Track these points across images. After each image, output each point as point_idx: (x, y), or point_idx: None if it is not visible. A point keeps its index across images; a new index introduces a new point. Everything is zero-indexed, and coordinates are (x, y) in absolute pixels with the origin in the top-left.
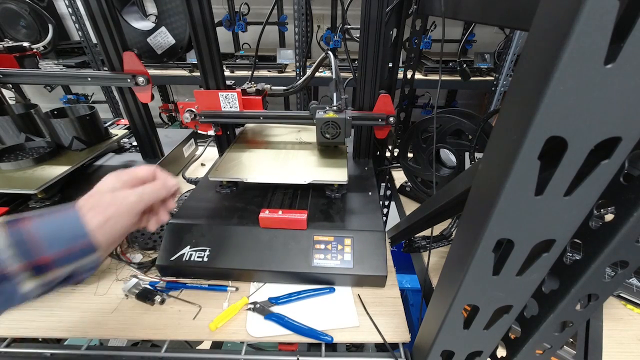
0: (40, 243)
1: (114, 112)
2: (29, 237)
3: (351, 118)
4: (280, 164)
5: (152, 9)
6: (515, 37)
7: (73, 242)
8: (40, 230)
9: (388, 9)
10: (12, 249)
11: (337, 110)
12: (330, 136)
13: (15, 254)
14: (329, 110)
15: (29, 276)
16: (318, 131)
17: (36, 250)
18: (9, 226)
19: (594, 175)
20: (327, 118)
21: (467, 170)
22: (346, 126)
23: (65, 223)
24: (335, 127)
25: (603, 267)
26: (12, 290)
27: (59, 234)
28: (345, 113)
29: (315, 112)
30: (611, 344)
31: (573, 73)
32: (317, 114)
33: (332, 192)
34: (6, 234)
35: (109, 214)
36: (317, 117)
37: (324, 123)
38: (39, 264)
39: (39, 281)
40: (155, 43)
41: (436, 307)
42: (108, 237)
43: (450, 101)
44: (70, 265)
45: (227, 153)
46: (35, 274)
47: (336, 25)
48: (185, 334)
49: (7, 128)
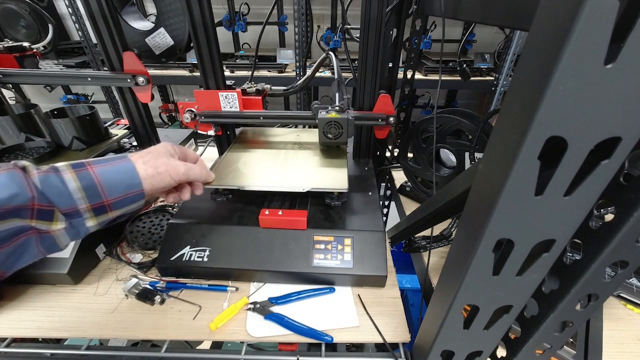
0: (104, 189)
1: (114, 112)
2: (96, 182)
3: (354, 118)
4: (279, 167)
5: (152, 9)
6: (515, 37)
7: (128, 190)
8: (103, 177)
9: (388, 9)
10: (82, 192)
11: (340, 110)
12: (333, 136)
13: (84, 197)
14: (331, 110)
15: (91, 215)
16: (320, 131)
17: (101, 194)
18: (77, 170)
19: (594, 175)
20: (329, 118)
21: (467, 170)
22: (349, 126)
23: (123, 172)
24: (337, 127)
25: (603, 267)
26: (81, 225)
27: (118, 182)
28: (347, 113)
29: (317, 112)
30: (611, 344)
31: (573, 73)
32: (319, 114)
33: (332, 200)
34: (76, 178)
35: (159, 171)
36: (319, 117)
37: (326, 123)
38: (101, 206)
39: (98, 220)
40: (153, 43)
41: (436, 307)
42: (151, 190)
43: (450, 101)
44: (122, 209)
45: (226, 155)
46: (95, 214)
47: (336, 25)
48: (185, 334)
49: (7, 128)
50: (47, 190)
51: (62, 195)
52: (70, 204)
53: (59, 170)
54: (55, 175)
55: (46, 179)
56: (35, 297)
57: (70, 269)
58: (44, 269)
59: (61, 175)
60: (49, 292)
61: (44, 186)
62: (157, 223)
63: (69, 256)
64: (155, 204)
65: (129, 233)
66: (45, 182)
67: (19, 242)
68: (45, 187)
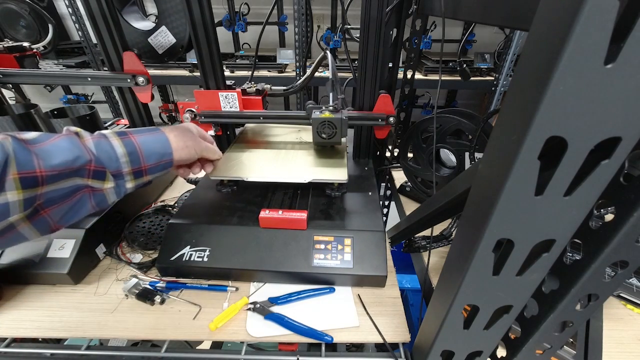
0: (143, 155)
1: (114, 112)
2: (138, 149)
3: (347, 118)
4: (281, 163)
5: (152, 9)
6: (515, 37)
7: (161, 158)
8: (143, 144)
9: (388, 9)
10: (126, 157)
11: (334, 110)
12: (327, 136)
13: (128, 161)
14: (325, 110)
15: (131, 178)
16: (314, 131)
17: (140, 160)
18: (122, 138)
19: (594, 175)
20: (323, 118)
21: (467, 170)
22: (342, 126)
23: (158, 142)
24: (331, 127)
25: (603, 267)
26: (123, 185)
27: (154, 150)
28: (341, 113)
29: (311, 112)
30: (611, 344)
31: (573, 73)
32: (313, 113)
33: (332, 191)
34: (122, 144)
35: (187, 144)
36: (313, 117)
37: (320, 123)
38: (140, 170)
39: (135, 183)
40: (156, 42)
41: (436, 307)
42: (178, 161)
43: (450, 101)
44: (154, 174)
45: (227, 153)
46: (134, 177)
47: (336, 25)
48: (185, 334)
49: (7, 128)
50: (100, 153)
51: (111, 159)
52: (117, 166)
53: (107, 137)
54: (105, 140)
55: (99, 144)
56: (35, 297)
57: (70, 269)
58: (44, 269)
59: (110, 141)
60: (49, 292)
61: (98, 150)
62: (157, 223)
63: (69, 256)
64: (156, 203)
65: (129, 233)
66: (98, 146)
67: (77, 198)
68: (99, 151)
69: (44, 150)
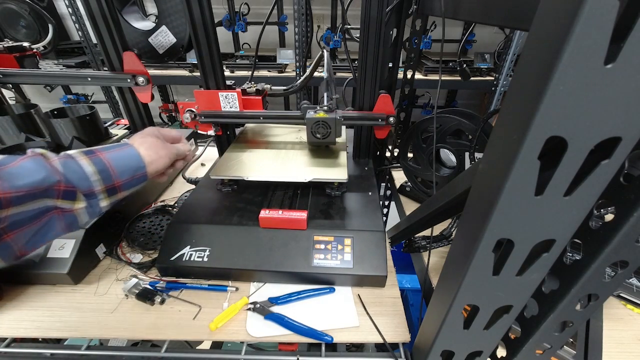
0: (115, 171)
1: (114, 112)
2: (108, 166)
3: (342, 118)
4: (281, 163)
5: (152, 9)
6: (515, 37)
7: (135, 172)
8: (113, 161)
9: (388, 9)
10: (97, 175)
11: (328, 110)
12: (321, 136)
13: (100, 179)
14: (319, 110)
15: (104, 196)
16: (309, 131)
17: (112, 176)
18: (89, 156)
19: (594, 175)
20: (317, 118)
21: (467, 170)
22: (336, 126)
23: (129, 157)
24: (325, 127)
25: (603, 267)
26: (97, 205)
27: (126, 165)
28: (335, 113)
29: (305, 112)
30: (611, 344)
31: (573, 73)
32: (307, 113)
33: (332, 190)
34: (90, 162)
35: (160, 155)
36: (307, 117)
37: (314, 123)
38: (113, 187)
39: (109, 200)
40: (156, 42)
41: (436, 307)
42: (153, 173)
43: (450, 101)
44: (129, 190)
45: (227, 152)
46: (108, 195)
47: (336, 25)
48: (185, 334)
49: (7, 128)
50: (68, 173)
51: (81, 178)
52: (88, 185)
53: (74, 157)
54: (72, 160)
55: (66, 164)
56: (35, 297)
57: (70, 269)
58: (44, 269)
59: (77, 160)
60: (49, 292)
61: (66, 170)
62: (157, 223)
63: (69, 256)
64: (156, 203)
65: (129, 233)
66: (66, 166)
67: (45, 221)
68: (67, 170)
69: (8, 173)
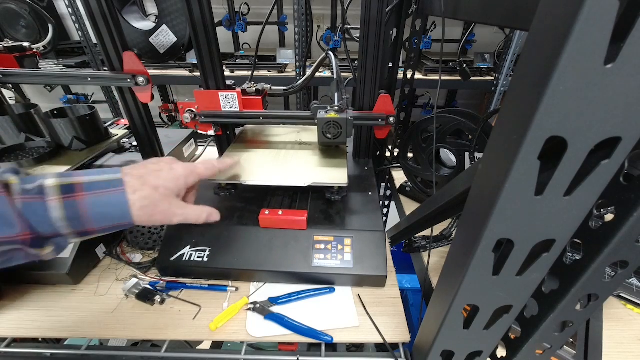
0: (90, 220)
1: (114, 112)
2: (82, 214)
3: (353, 118)
4: (280, 165)
5: (152, 9)
6: (515, 37)
7: (116, 222)
8: (92, 208)
9: (388, 9)
10: (66, 222)
11: (339, 110)
12: (332, 136)
13: (68, 225)
14: (330, 110)
15: (74, 237)
16: (320, 131)
17: (86, 224)
18: (65, 197)
19: (594, 175)
20: (328, 118)
21: (467, 170)
22: (348, 126)
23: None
24: (337, 127)
25: (603, 267)
26: (64, 242)
27: (107, 214)
28: (346, 113)
29: (316, 112)
30: (611, 344)
31: (573, 73)
32: (318, 114)
33: (332, 194)
34: (62, 207)
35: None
36: (318, 117)
37: (325, 123)
38: (84, 231)
39: (80, 238)
40: (157, 42)
41: (436, 307)
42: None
43: (450, 101)
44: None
45: (227, 154)
46: (78, 236)
47: (336, 25)
48: (185, 334)
49: (7, 128)
50: (31, 217)
51: (44, 223)
52: (52, 230)
53: (45, 194)
54: (40, 202)
55: (30, 207)
56: (35, 297)
57: (70, 269)
58: (44, 269)
59: (46, 202)
60: (49, 292)
61: (28, 214)
62: None
63: (69, 256)
64: None
65: (129, 233)
66: (29, 210)
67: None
68: (29, 215)
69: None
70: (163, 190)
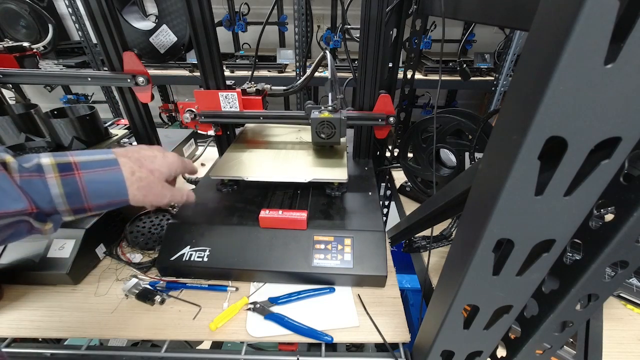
0: (88, 196)
1: (114, 112)
2: (80, 190)
3: (346, 118)
4: (281, 163)
5: (152, 9)
6: (515, 37)
7: (113, 199)
8: (90, 185)
9: (388, 9)
10: (64, 198)
11: (333, 110)
12: (326, 136)
13: (66, 201)
14: (324, 110)
15: (69, 214)
16: (313, 131)
17: (83, 200)
18: (62, 175)
19: (594, 175)
20: (322, 118)
21: (467, 170)
22: (341, 126)
23: (112, 183)
24: (330, 127)
25: (603, 267)
26: (59, 219)
27: (104, 191)
28: (340, 113)
29: (310, 112)
30: (611, 344)
31: (573, 73)
32: (312, 113)
33: (332, 190)
34: (60, 184)
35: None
36: (312, 117)
37: (319, 123)
38: (82, 208)
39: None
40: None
41: (436, 307)
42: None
43: (450, 101)
44: (102, 210)
45: (227, 152)
46: (74, 214)
47: (336, 25)
48: (185, 334)
49: (7, 128)
50: (33, 194)
51: (43, 200)
52: (50, 206)
53: (44, 172)
54: (39, 179)
55: (30, 184)
56: (35, 297)
57: (70, 269)
58: (44, 269)
59: (45, 179)
60: (49, 293)
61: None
62: (157, 223)
63: (69, 256)
64: None
65: (129, 233)
66: (29, 187)
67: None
68: (30, 191)
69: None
70: (158, 174)
